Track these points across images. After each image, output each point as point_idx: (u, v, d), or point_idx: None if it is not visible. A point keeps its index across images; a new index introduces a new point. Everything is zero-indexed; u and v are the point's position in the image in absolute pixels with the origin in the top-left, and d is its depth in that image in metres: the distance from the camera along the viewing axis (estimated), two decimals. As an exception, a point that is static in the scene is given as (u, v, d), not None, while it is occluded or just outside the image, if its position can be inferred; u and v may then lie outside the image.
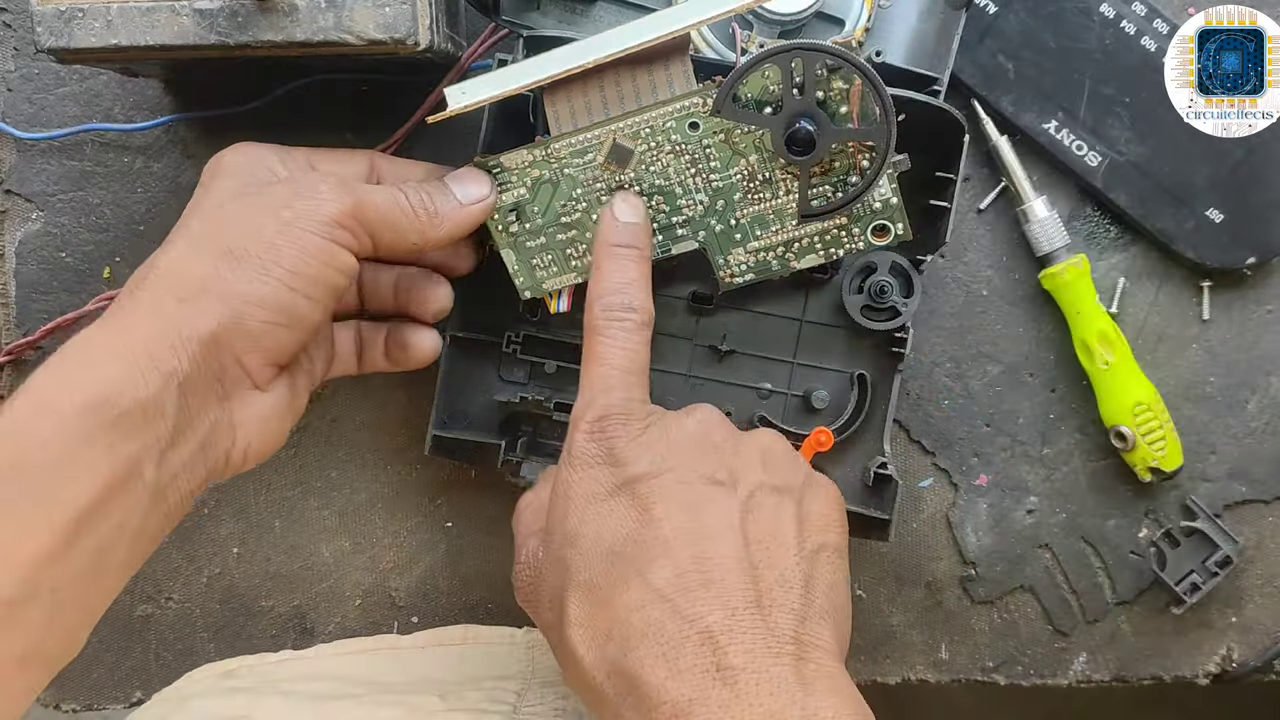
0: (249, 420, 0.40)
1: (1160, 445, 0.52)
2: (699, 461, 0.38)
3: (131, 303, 0.37)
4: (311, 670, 0.51)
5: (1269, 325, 0.55)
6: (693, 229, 0.45)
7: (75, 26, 0.43)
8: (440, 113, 0.42)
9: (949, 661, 0.56)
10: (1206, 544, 0.53)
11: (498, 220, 0.45)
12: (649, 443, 0.38)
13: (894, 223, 0.44)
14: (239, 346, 0.38)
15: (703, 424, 0.39)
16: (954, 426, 0.55)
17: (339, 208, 0.39)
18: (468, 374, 0.51)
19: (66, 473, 0.33)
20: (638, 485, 0.37)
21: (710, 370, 0.51)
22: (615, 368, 0.40)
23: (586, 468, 0.38)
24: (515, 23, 0.46)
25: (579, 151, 0.43)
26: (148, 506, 0.36)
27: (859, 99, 0.41)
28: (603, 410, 0.39)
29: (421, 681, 0.49)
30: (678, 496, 0.36)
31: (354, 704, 0.45)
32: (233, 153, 0.43)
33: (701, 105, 0.42)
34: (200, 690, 0.50)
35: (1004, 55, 0.52)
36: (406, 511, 0.56)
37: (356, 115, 0.53)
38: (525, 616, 0.55)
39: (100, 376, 0.34)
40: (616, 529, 0.36)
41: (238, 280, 0.37)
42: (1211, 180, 0.52)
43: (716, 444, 0.39)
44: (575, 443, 0.39)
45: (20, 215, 0.54)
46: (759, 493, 0.38)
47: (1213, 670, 0.56)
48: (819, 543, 0.38)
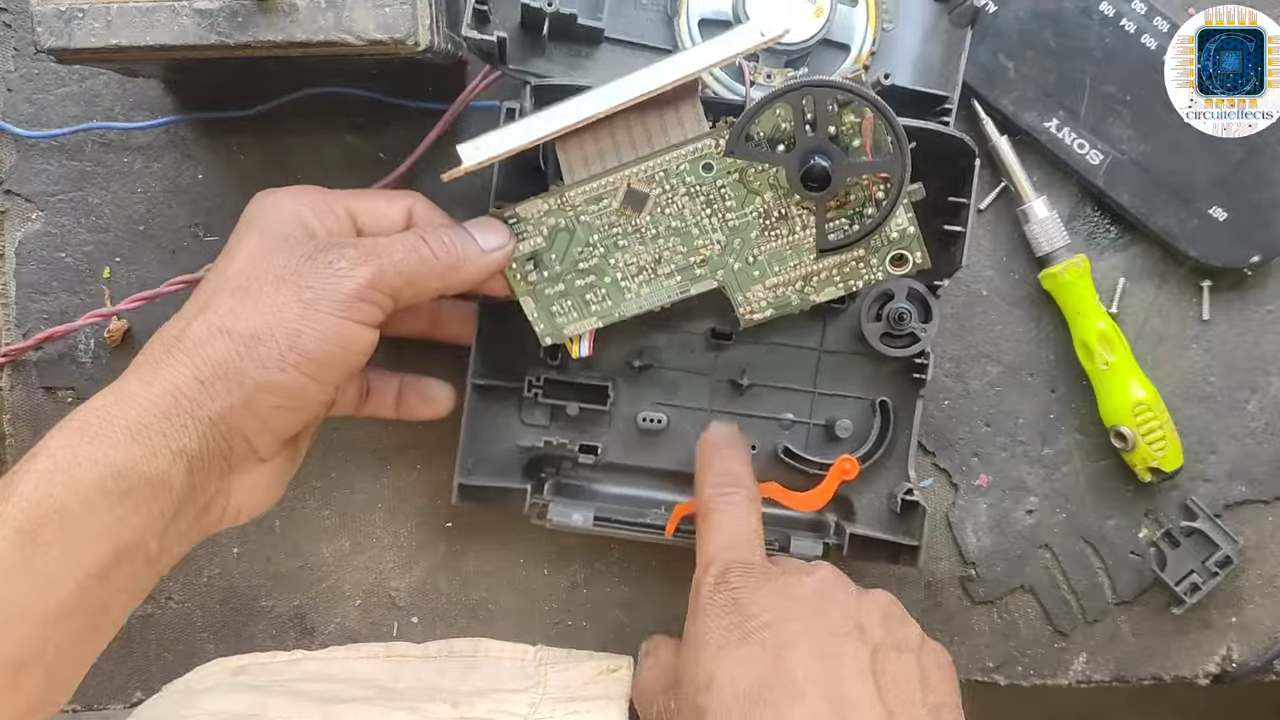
0: (248, 487, 0.41)
1: (1160, 445, 0.52)
2: (823, 617, 0.39)
3: (153, 375, 0.38)
4: (322, 671, 0.51)
5: (1269, 325, 0.55)
6: (711, 268, 0.45)
7: (75, 26, 0.43)
8: (454, 170, 0.42)
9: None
10: (1206, 544, 0.53)
11: (516, 269, 0.45)
12: (773, 594, 0.40)
13: (912, 252, 0.44)
14: (249, 428, 0.39)
15: (824, 581, 0.41)
16: (954, 426, 0.55)
17: (358, 283, 0.39)
18: (491, 420, 0.51)
19: (78, 541, 0.34)
20: (767, 632, 0.38)
21: (732, 404, 0.51)
22: (731, 532, 0.42)
23: (716, 617, 0.39)
24: (522, 71, 0.46)
25: (593, 198, 0.43)
26: (145, 572, 0.37)
27: (872, 132, 0.41)
28: (726, 564, 0.41)
29: (432, 689, 0.49)
30: (808, 644, 0.38)
31: (365, 707, 0.45)
32: (269, 201, 0.43)
33: (714, 147, 0.42)
34: (210, 685, 0.50)
35: (1004, 55, 0.52)
36: (406, 511, 0.56)
37: (356, 117, 0.53)
38: (524, 616, 0.55)
39: (115, 451, 0.35)
40: (751, 672, 0.37)
41: (255, 367, 0.38)
42: (1215, 178, 0.52)
43: (839, 601, 0.41)
44: (701, 595, 0.40)
45: (20, 215, 0.54)
46: (883, 649, 0.39)
47: (1213, 670, 0.56)
48: (940, 700, 0.39)
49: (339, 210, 0.43)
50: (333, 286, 0.39)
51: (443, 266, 0.42)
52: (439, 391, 0.50)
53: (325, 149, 0.54)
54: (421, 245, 0.42)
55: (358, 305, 0.39)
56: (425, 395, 0.50)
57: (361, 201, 0.44)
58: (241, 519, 0.41)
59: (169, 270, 0.54)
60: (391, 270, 0.40)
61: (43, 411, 0.55)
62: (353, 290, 0.39)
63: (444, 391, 0.50)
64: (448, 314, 0.51)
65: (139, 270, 0.54)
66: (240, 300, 0.39)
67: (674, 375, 0.51)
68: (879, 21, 0.48)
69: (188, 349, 0.38)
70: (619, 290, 0.45)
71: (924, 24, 0.49)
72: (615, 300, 0.46)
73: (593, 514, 0.48)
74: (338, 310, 0.39)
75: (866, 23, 0.47)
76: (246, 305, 0.39)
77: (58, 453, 0.35)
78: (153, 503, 0.36)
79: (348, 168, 0.54)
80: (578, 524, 0.48)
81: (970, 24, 0.46)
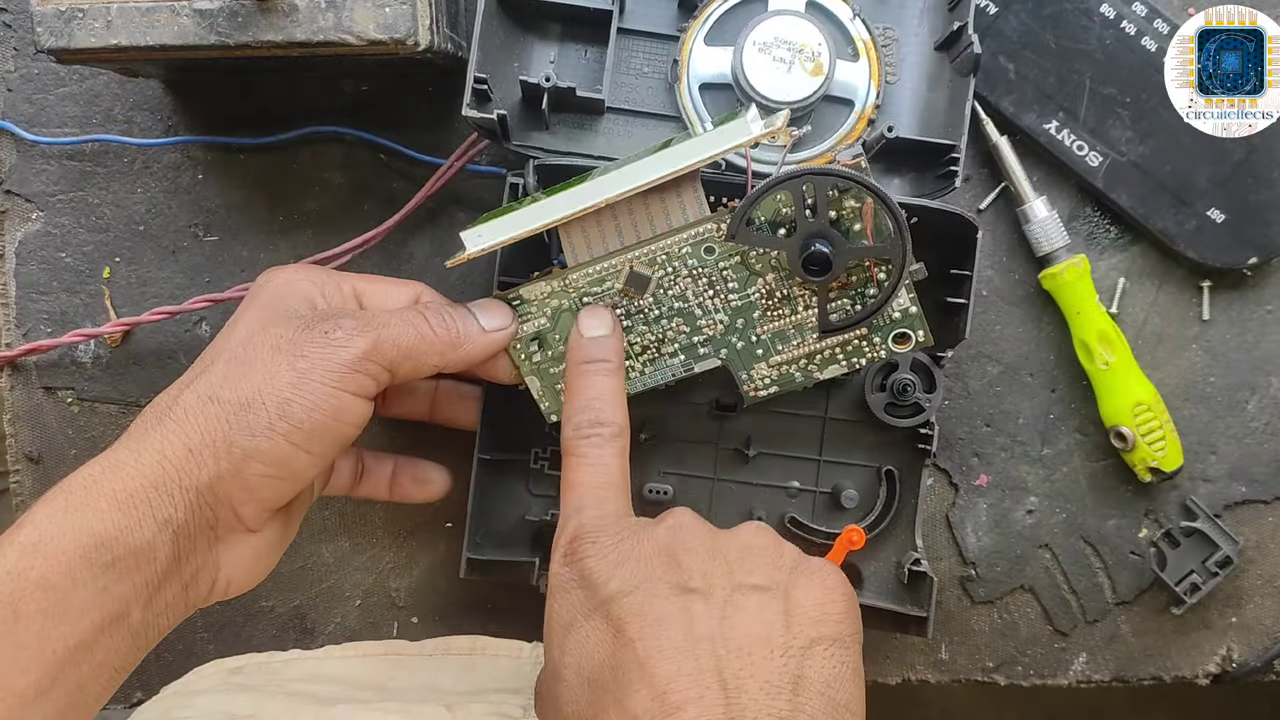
0: (237, 560, 0.40)
1: (1160, 445, 0.52)
2: (671, 571, 0.36)
3: (141, 444, 0.37)
4: (318, 671, 0.51)
5: (1269, 325, 0.55)
6: (714, 347, 0.45)
7: (75, 26, 0.43)
8: (457, 257, 0.42)
9: (949, 662, 0.56)
10: (1206, 544, 0.53)
11: (520, 349, 0.45)
12: (620, 559, 0.37)
13: (915, 330, 0.44)
14: (236, 497, 0.38)
15: (673, 530, 0.38)
16: (954, 427, 0.55)
17: (353, 354, 0.39)
18: (498, 493, 0.51)
19: (60, 613, 0.34)
20: (610, 606, 0.36)
21: (736, 473, 0.51)
22: (586, 485, 0.40)
23: (563, 594, 0.37)
24: (525, 146, 0.47)
25: (597, 280, 0.44)
26: (128, 646, 0.36)
27: (872, 217, 0.41)
28: (574, 532, 0.38)
29: (427, 690, 0.49)
30: (650, 612, 0.35)
31: (360, 709, 0.45)
32: (277, 278, 0.43)
33: (716, 230, 0.42)
34: (207, 686, 0.50)
35: (1004, 56, 0.52)
36: (406, 512, 0.56)
37: (356, 119, 0.53)
38: (524, 616, 0.55)
39: (99, 521, 0.35)
40: (593, 655, 0.35)
41: (243, 435, 0.38)
42: (1213, 180, 0.52)
43: (691, 548, 0.37)
44: (551, 572, 0.38)
45: (20, 215, 0.54)
46: (738, 595, 0.36)
47: (1213, 670, 0.56)
48: (811, 636, 0.35)
49: (345, 289, 0.44)
50: (328, 356, 0.39)
51: (441, 344, 0.42)
52: (433, 475, 0.51)
53: (325, 151, 0.54)
54: (421, 321, 0.41)
55: (352, 376, 0.39)
56: (420, 478, 0.50)
57: (369, 283, 0.45)
58: (232, 592, 0.41)
59: (169, 271, 0.54)
60: (389, 343, 0.40)
61: (43, 411, 0.55)
62: (348, 360, 0.39)
63: (439, 475, 0.51)
64: (448, 397, 0.51)
65: (139, 270, 0.54)
66: (234, 368, 0.39)
67: (679, 445, 0.51)
68: (882, 75, 0.48)
69: (178, 418, 0.38)
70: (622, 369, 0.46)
71: (927, 74, 0.49)
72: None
73: None
74: (331, 380, 0.39)
75: (869, 77, 0.47)
76: (239, 373, 0.39)
77: (42, 523, 0.35)
78: (136, 573, 0.36)
79: (348, 168, 0.54)
80: None
81: (973, 71, 0.46)
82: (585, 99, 0.46)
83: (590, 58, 0.48)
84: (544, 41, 0.49)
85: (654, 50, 0.48)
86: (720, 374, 0.46)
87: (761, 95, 0.45)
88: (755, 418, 0.51)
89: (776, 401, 0.47)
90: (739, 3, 0.47)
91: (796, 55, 0.45)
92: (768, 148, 0.47)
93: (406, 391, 0.51)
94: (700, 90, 0.47)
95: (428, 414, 0.51)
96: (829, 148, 0.47)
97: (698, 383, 0.49)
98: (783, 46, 0.45)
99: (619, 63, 0.48)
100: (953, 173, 0.46)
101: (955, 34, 0.47)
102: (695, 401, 0.51)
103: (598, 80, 0.47)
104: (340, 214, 0.54)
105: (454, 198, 0.54)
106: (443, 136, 0.53)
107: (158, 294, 0.54)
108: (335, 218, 0.54)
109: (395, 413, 0.51)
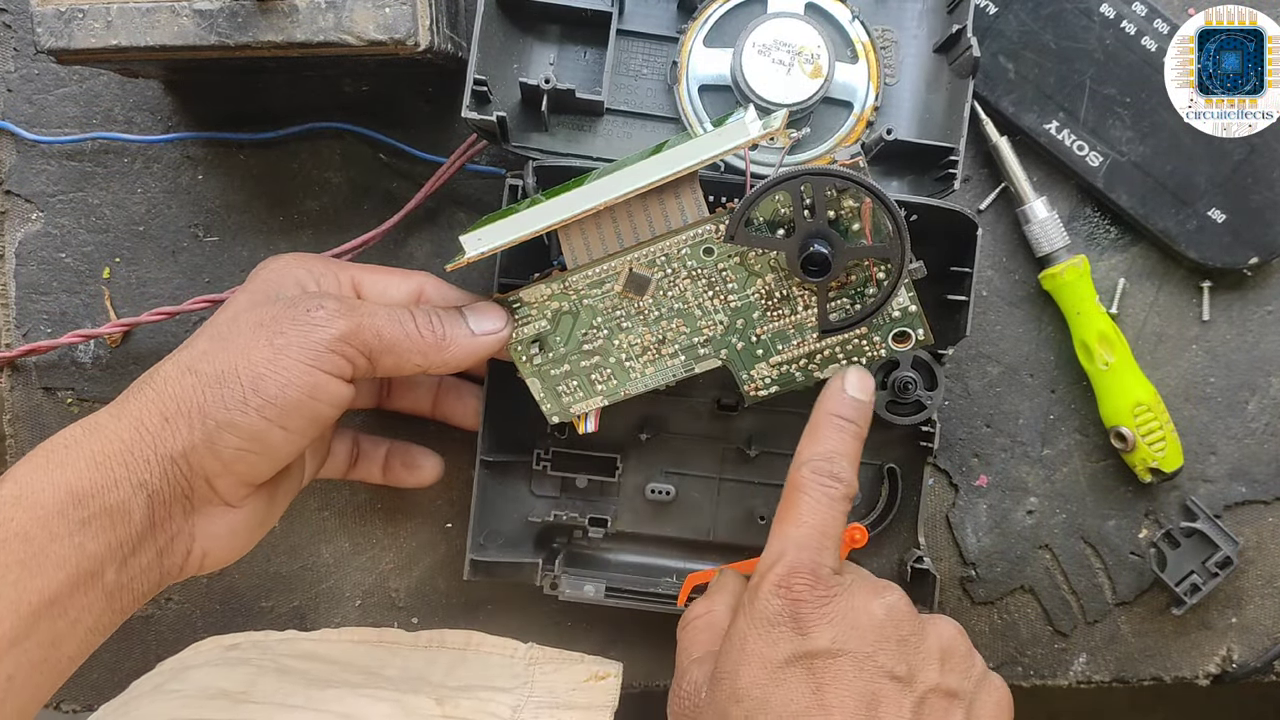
0: (213, 534, 0.41)
1: (1160, 446, 0.52)
2: (880, 651, 0.37)
3: (121, 409, 0.39)
4: (313, 651, 0.51)
5: (1269, 326, 0.55)
6: (715, 347, 0.45)
7: (75, 27, 0.43)
8: (457, 260, 0.42)
9: (949, 662, 0.56)
10: (1206, 545, 0.53)
11: (521, 351, 0.45)
12: (834, 615, 0.38)
13: (914, 329, 0.44)
14: (210, 468, 0.39)
15: (892, 611, 0.39)
16: (954, 427, 0.55)
17: (332, 334, 0.39)
18: (500, 493, 0.51)
19: (36, 565, 0.35)
20: (815, 662, 0.37)
21: (740, 471, 0.52)
22: (812, 528, 0.40)
23: (768, 625, 0.38)
24: (524, 148, 0.47)
25: (596, 282, 0.44)
26: (103, 606, 0.37)
27: (870, 216, 0.41)
28: (792, 566, 0.39)
29: (418, 680, 0.49)
30: (853, 685, 0.36)
31: (349, 693, 0.45)
32: (274, 264, 0.44)
33: (715, 232, 0.42)
34: (202, 661, 0.50)
35: (1004, 56, 0.52)
36: (406, 512, 0.56)
37: (356, 118, 0.53)
38: (524, 617, 0.55)
39: (78, 478, 0.36)
40: (786, 704, 0.36)
41: (216, 407, 0.38)
42: (1213, 180, 0.52)
43: (902, 636, 0.38)
44: (760, 595, 0.38)
45: (20, 215, 0.54)
46: (932, 696, 0.38)
47: (1213, 671, 0.56)
48: None
49: (343, 278, 0.44)
50: (305, 334, 0.39)
51: (425, 345, 0.42)
52: (425, 461, 0.51)
53: (325, 151, 0.54)
54: (408, 319, 0.42)
55: (327, 355, 0.39)
56: (412, 464, 0.51)
57: (371, 274, 0.45)
58: (209, 566, 0.41)
59: (168, 271, 0.54)
60: (370, 330, 0.40)
61: (43, 411, 0.55)
62: (324, 339, 0.39)
63: (430, 461, 0.51)
64: (449, 394, 0.51)
65: (139, 271, 0.54)
66: (215, 343, 0.40)
67: (682, 443, 0.52)
68: (881, 77, 0.48)
69: (157, 386, 0.39)
70: (624, 370, 0.46)
71: (926, 76, 0.49)
72: (620, 380, 0.46)
73: (604, 586, 0.49)
74: (306, 357, 0.39)
75: (868, 79, 0.47)
76: (218, 348, 0.39)
77: (23, 478, 0.36)
78: (110, 532, 0.36)
79: (348, 168, 0.54)
80: (590, 596, 0.49)
81: (972, 74, 0.46)
82: (584, 100, 0.46)
83: (590, 59, 0.49)
84: (543, 43, 0.49)
85: (653, 52, 0.49)
86: (721, 374, 0.46)
87: (761, 97, 0.45)
88: (757, 416, 0.51)
89: (778, 400, 0.47)
90: (738, 4, 0.47)
91: (796, 57, 0.45)
92: (766, 149, 0.47)
93: (409, 386, 0.51)
94: (699, 92, 0.47)
95: (430, 410, 0.52)
96: (828, 150, 0.47)
97: (699, 382, 0.50)
98: (782, 48, 0.45)
99: (618, 64, 0.48)
100: (951, 175, 0.46)
101: (954, 36, 0.47)
102: (697, 401, 0.51)
103: (597, 82, 0.47)
104: (340, 214, 0.54)
105: (454, 197, 0.54)
106: (442, 136, 0.53)
107: (157, 294, 0.54)
108: (335, 218, 0.54)
109: (397, 406, 0.52)
